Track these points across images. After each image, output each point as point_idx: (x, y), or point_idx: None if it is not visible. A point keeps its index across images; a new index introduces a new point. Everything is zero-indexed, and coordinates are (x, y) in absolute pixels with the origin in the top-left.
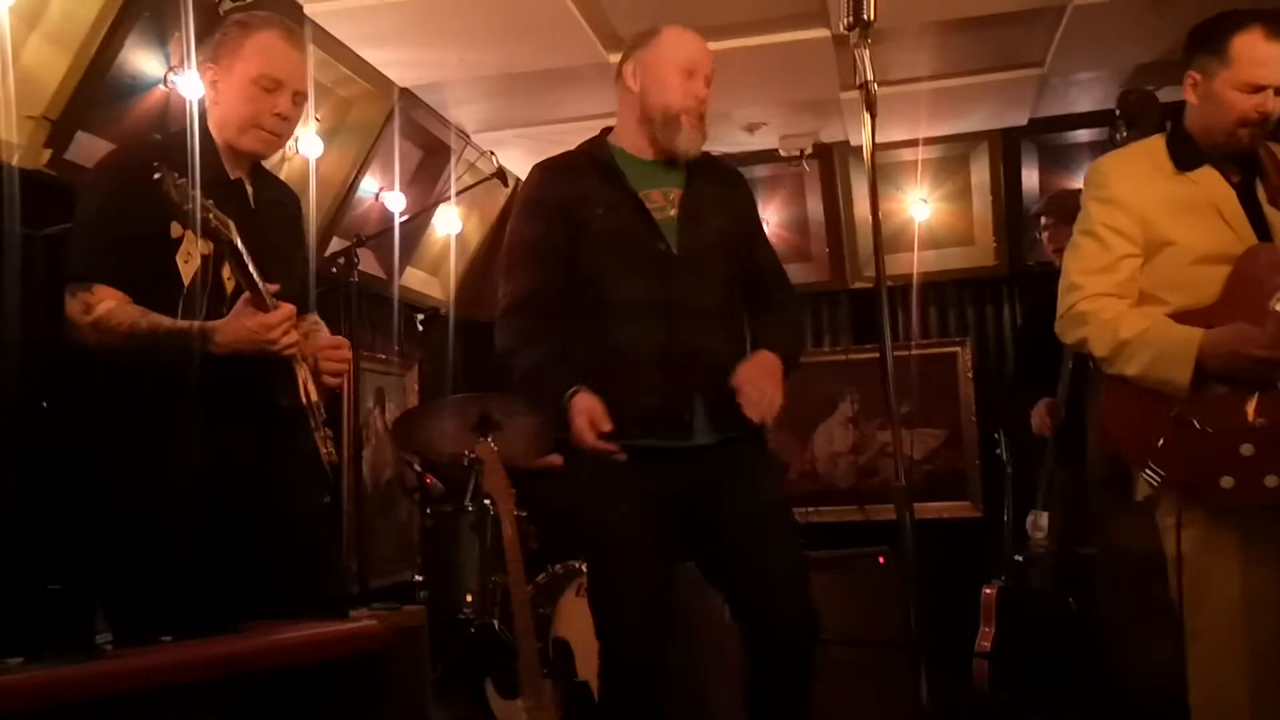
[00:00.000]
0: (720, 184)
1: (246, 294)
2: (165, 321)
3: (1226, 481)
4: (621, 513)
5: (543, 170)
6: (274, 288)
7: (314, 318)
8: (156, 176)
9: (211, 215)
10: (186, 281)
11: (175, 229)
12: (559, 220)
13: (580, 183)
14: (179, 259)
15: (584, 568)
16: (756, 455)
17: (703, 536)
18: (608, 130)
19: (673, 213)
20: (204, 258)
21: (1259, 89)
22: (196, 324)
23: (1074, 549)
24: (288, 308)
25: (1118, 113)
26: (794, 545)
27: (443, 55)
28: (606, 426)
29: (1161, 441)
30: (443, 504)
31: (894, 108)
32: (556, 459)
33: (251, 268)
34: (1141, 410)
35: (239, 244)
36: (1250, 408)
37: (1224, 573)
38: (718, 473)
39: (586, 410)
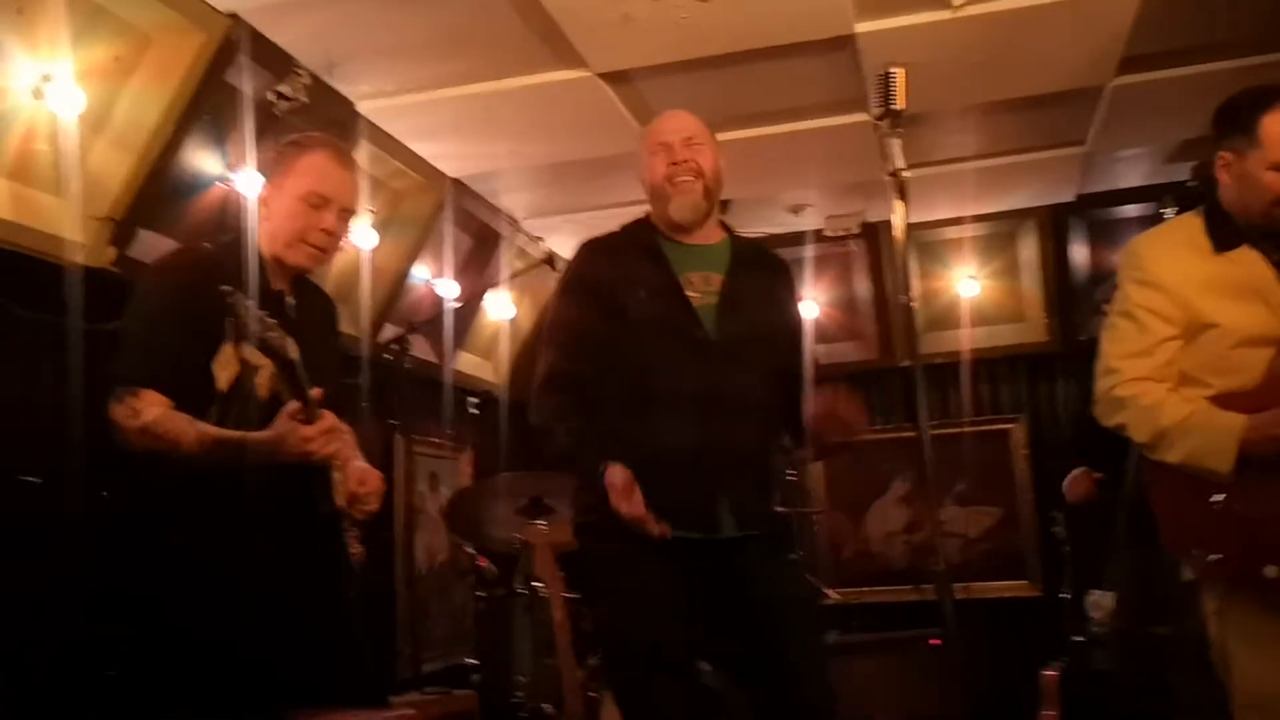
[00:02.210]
0: (763, 272)
1: (293, 404)
2: (212, 431)
3: (1271, 570)
4: (643, 602)
5: (590, 249)
6: (318, 393)
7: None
8: (230, 301)
9: (275, 335)
10: (222, 387)
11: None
12: (599, 301)
13: (625, 264)
14: (216, 365)
15: None
16: (780, 552)
17: (723, 633)
18: (650, 213)
19: (713, 299)
20: (243, 363)
21: None
22: (243, 435)
23: (1146, 629)
24: (329, 419)
25: (1191, 182)
26: (817, 644)
27: (492, 147)
28: (639, 498)
29: (1205, 527)
30: (496, 587)
31: (939, 187)
32: None
33: (302, 380)
34: (1185, 495)
35: (296, 360)
36: None
37: (1271, 661)
38: (739, 568)
39: (619, 482)
